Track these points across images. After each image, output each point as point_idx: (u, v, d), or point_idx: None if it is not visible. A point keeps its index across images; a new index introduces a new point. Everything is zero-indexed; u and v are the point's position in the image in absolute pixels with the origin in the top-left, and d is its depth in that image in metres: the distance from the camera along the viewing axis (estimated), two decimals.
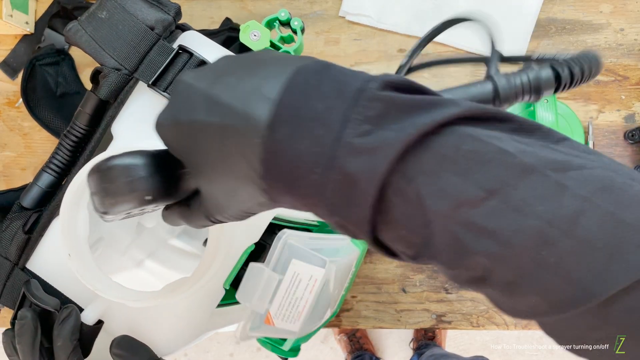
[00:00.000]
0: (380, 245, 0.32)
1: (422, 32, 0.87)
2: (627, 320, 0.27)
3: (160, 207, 0.38)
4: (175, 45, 0.50)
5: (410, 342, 1.81)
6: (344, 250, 0.64)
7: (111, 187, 0.33)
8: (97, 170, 0.34)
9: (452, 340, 1.82)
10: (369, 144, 0.28)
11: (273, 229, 0.59)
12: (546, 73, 0.40)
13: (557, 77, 0.40)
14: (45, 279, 0.53)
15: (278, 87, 0.30)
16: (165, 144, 0.35)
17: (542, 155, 0.28)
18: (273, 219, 0.57)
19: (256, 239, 0.56)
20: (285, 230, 0.51)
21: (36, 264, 0.54)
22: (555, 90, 0.41)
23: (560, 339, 0.31)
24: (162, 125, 0.35)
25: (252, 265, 0.50)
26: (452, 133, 0.28)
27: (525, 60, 0.45)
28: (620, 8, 0.87)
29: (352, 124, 0.28)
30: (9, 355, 0.51)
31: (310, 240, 0.54)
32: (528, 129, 0.30)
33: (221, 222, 0.37)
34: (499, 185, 0.27)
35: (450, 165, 0.28)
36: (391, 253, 0.32)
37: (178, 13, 0.52)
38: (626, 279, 0.26)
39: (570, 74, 0.41)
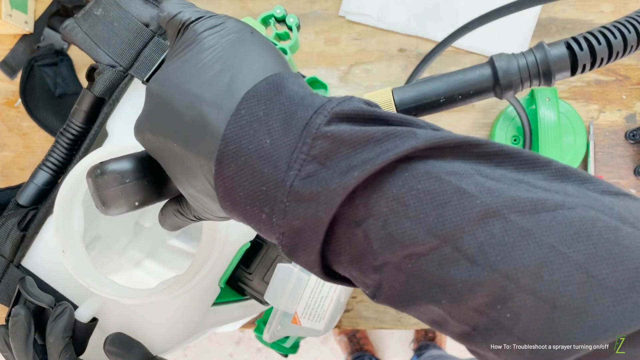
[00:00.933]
0: (338, 279, 0.31)
1: (422, 32, 0.87)
2: None
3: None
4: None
5: (411, 342, 1.80)
6: None
7: (103, 194, 0.34)
8: (90, 176, 0.35)
9: (453, 340, 1.81)
10: (312, 189, 0.26)
11: None
12: (557, 51, 0.33)
13: (573, 56, 0.33)
14: (40, 277, 0.53)
15: (225, 117, 0.29)
16: (145, 148, 0.35)
17: (509, 195, 0.25)
18: None
19: (251, 236, 0.56)
20: None
21: (31, 261, 0.53)
22: (573, 72, 0.34)
23: None
24: (137, 130, 0.34)
25: (280, 266, 0.50)
26: (407, 170, 0.26)
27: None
28: (621, 7, 0.86)
29: (297, 164, 0.27)
30: (1, 351, 0.50)
31: None
32: (502, 156, 0.27)
33: (211, 219, 0.37)
34: (453, 232, 0.25)
35: (401, 207, 0.26)
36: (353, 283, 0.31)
37: None
38: (590, 344, 0.23)
39: (590, 51, 0.33)
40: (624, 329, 0.23)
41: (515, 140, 0.82)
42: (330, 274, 0.30)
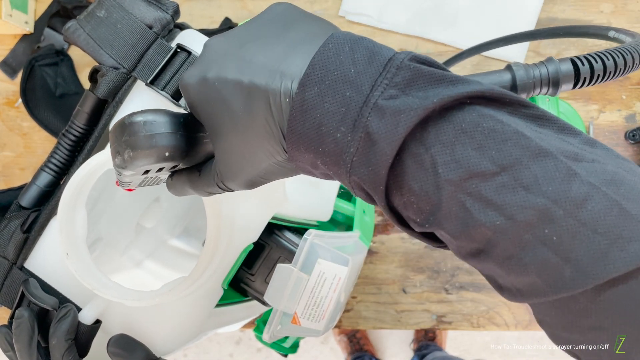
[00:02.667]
0: (391, 209, 0.33)
1: (422, 32, 0.87)
2: (620, 309, 0.27)
3: (175, 169, 0.39)
4: (173, 44, 0.50)
5: (411, 342, 1.80)
6: (352, 248, 0.64)
7: (132, 140, 0.34)
8: (121, 124, 0.34)
9: (453, 340, 1.82)
10: (394, 107, 0.30)
11: (272, 229, 0.59)
12: (566, 67, 0.40)
13: (577, 72, 0.40)
14: (43, 278, 0.53)
15: (312, 50, 0.32)
16: (188, 102, 0.37)
17: (557, 144, 0.29)
18: (272, 219, 0.56)
19: (254, 238, 0.56)
20: (311, 230, 0.51)
21: (34, 263, 0.53)
22: (575, 86, 0.41)
23: (551, 327, 0.32)
24: (188, 83, 0.36)
25: (279, 266, 0.50)
26: (473, 110, 0.30)
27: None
28: (620, 8, 0.86)
29: (381, 87, 0.30)
30: (4, 351, 0.50)
31: (332, 239, 0.54)
32: (545, 119, 0.31)
33: (231, 189, 0.38)
34: (512, 163, 0.29)
35: (468, 139, 0.29)
36: (401, 221, 0.33)
37: (176, 12, 0.52)
38: (625, 266, 0.26)
39: (590, 69, 0.40)
40: None
41: None
42: (388, 204, 0.33)
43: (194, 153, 0.37)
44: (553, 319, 0.31)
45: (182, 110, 0.48)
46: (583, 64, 0.40)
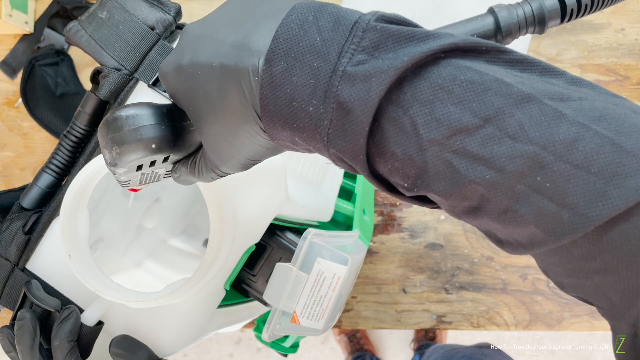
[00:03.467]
0: (377, 177, 0.32)
1: None
2: (625, 247, 0.26)
3: (170, 163, 0.38)
4: (175, 45, 0.50)
5: (411, 342, 1.80)
6: (352, 247, 0.64)
7: (117, 136, 0.34)
8: (105, 123, 0.34)
9: (453, 340, 1.82)
10: (363, 71, 0.29)
11: (273, 230, 0.59)
12: (550, 1, 0.38)
13: (563, 5, 0.38)
14: (45, 280, 0.53)
15: (275, 24, 0.31)
16: (168, 91, 0.36)
17: (540, 87, 0.28)
18: (273, 220, 0.56)
19: (257, 239, 0.56)
20: (310, 229, 0.51)
21: (36, 264, 0.53)
22: (562, 20, 0.39)
23: (556, 275, 0.31)
24: (165, 72, 0.36)
25: (279, 265, 0.50)
26: (449, 64, 0.29)
27: None
28: (620, 8, 0.86)
29: (348, 53, 0.29)
30: (7, 352, 0.50)
31: (331, 238, 0.54)
32: (526, 62, 0.30)
33: (227, 174, 0.38)
34: (495, 113, 0.28)
35: (447, 94, 0.28)
36: (389, 188, 0.33)
37: (178, 13, 0.52)
38: (623, 203, 0.26)
39: (577, 0, 0.38)
40: None
41: None
42: (371, 172, 0.32)
43: (182, 142, 0.37)
44: (557, 267, 0.30)
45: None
46: (568, 7, 0.38)
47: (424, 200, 0.33)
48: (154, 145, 0.34)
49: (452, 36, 0.29)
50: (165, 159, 0.37)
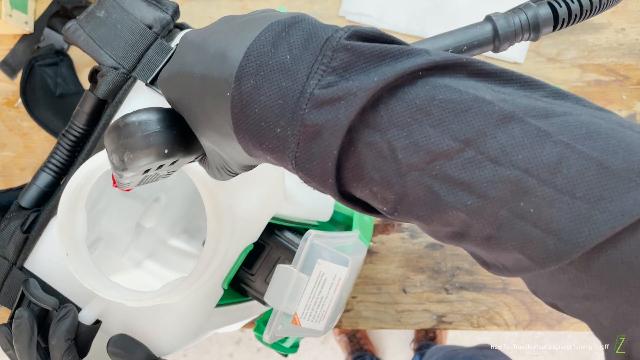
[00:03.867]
0: (351, 200, 0.31)
1: (423, 32, 0.87)
2: (613, 273, 0.25)
3: (176, 167, 0.39)
4: (173, 44, 0.50)
5: (411, 342, 1.80)
6: (352, 248, 0.64)
7: (129, 142, 0.33)
8: (115, 128, 0.34)
9: (453, 340, 1.82)
10: (332, 94, 0.28)
11: (272, 229, 0.59)
12: (545, 10, 0.40)
13: (555, 14, 0.40)
14: (43, 279, 0.53)
15: (250, 39, 0.30)
16: (166, 98, 0.36)
17: (522, 103, 0.27)
18: (272, 219, 0.56)
19: (255, 238, 0.56)
20: (311, 231, 0.51)
21: (34, 263, 0.53)
22: (554, 28, 0.40)
23: (545, 295, 0.30)
24: (161, 79, 0.35)
25: (280, 267, 0.50)
26: (426, 83, 0.28)
27: None
28: (621, 8, 0.86)
29: (317, 75, 0.28)
30: (5, 350, 0.50)
31: (331, 239, 0.54)
32: (506, 77, 0.29)
33: (236, 173, 0.38)
34: (476, 135, 0.27)
35: (424, 116, 0.27)
36: (366, 208, 0.32)
37: (176, 12, 0.52)
38: (610, 229, 0.25)
39: (568, 9, 0.40)
40: (638, 212, 0.24)
41: None
42: (344, 195, 0.31)
43: (192, 146, 0.37)
44: (546, 290, 0.29)
45: None
46: (560, 6, 0.40)
47: (402, 219, 0.32)
48: (166, 151, 0.34)
49: (428, 53, 0.28)
50: (174, 162, 0.37)
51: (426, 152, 0.27)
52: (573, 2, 0.40)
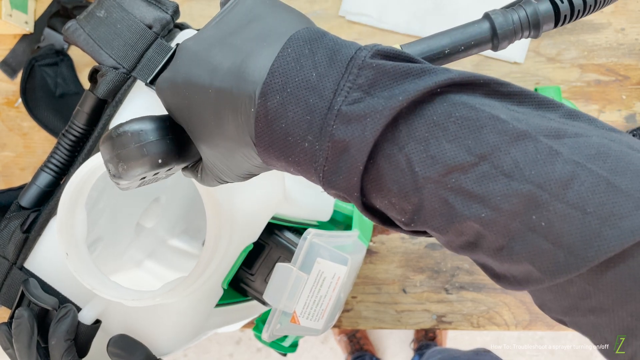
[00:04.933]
0: (372, 211, 0.32)
1: (423, 32, 0.87)
2: (620, 287, 0.26)
3: (174, 171, 0.39)
4: (173, 44, 0.50)
5: (411, 342, 1.80)
6: (351, 247, 0.64)
7: (123, 153, 0.34)
8: (109, 138, 0.34)
9: (453, 340, 1.82)
10: (359, 111, 0.29)
11: (272, 229, 0.59)
12: (545, 6, 0.38)
13: (557, 10, 0.38)
14: (43, 279, 0.53)
15: (272, 55, 0.31)
16: (165, 106, 0.36)
17: (536, 123, 0.28)
18: (272, 219, 0.56)
19: (254, 238, 0.56)
20: (310, 230, 0.51)
21: (34, 263, 0.53)
22: (555, 25, 0.39)
23: (552, 311, 0.31)
24: (161, 88, 0.36)
25: (279, 265, 0.50)
26: (444, 100, 0.29)
27: None
28: (621, 8, 0.86)
29: (344, 92, 0.29)
30: (4, 349, 0.50)
31: (331, 238, 0.54)
32: (523, 96, 0.30)
33: (227, 182, 0.38)
34: (490, 151, 0.28)
35: (442, 131, 0.28)
36: (384, 220, 0.33)
37: (176, 12, 0.52)
38: (618, 245, 0.25)
39: (570, 5, 0.38)
40: None
41: None
42: (365, 206, 0.32)
43: (187, 154, 0.37)
44: (553, 303, 0.30)
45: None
46: (562, 2, 0.38)
47: (423, 233, 0.33)
48: (160, 161, 0.34)
49: (449, 71, 0.29)
50: (169, 169, 0.37)
51: (442, 166, 0.28)
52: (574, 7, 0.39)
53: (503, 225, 0.28)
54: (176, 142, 0.36)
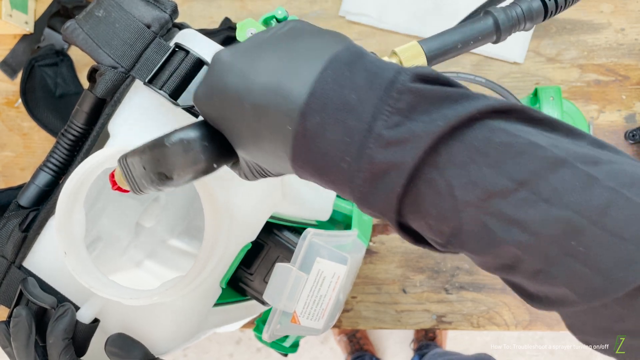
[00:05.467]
0: (407, 231, 0.33)
1: (423, 32, 0.87)
2: None
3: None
4: (172, 44, 0.50)
5: (411, 342, 1.80)
6: (351, 247, 0.64)
7: (175, 162, 0.35)
8: (158, 146, 0.35)
9: (453, 340, 1.82)
10: (399, 135, 0.29)
11: (271, 228, 0.59)
12: (536, 4, 0.45)
13: (545, 6, 0.45)
14: (41, 277, 0.53)
15: (312, 76, 0.31)
16: (203, 116, 0.37)
17: (572, 149, 0.29)
18: (270, 218, 0.56)
19: (253, 237, 0.56)
20: (309, 229, 0.51)
21: (33, 262, 0.53)
22: (544, 19, 0.46)
23: (583, 333, 0.32)
24: (199, 99, 0.37)
25: (278, 265, 0.50)
26: (483, 126, 0.30)
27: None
28: (620, 8, 0.86)
29: (383, 115, 0.30)
30: (3, 347, 0.50)
31: (330, 238, 0.54)
32: (554, 124, 0.31)
33: (268, 177, 0.39)
34: (530, 177, 0.28)
35: (482, 157, 0.29)
36: (418, 239, 0.33)
37: (174, 11, 0.52)
38: None
39: (555, 3, 0.45)
40: None
41: None
42: (400, 226, 0.33)
43: (228, 154, 0.38)
44: (585, 326, 0.31)
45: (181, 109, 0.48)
46: (549, 9, 0.45)
47: (455, 252, 0.33)
48: (204, 168, 0.35)
49: (486, 98, 0.30)
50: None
51: (482, 190, 0.29)
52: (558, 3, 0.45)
53: (542, 250, 0.28)
54: (220, 147, 0.36)
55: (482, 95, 0.30)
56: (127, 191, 0.43)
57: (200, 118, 0.39)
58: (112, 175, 0.44)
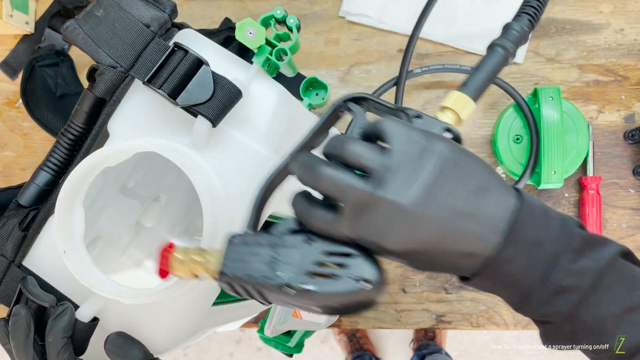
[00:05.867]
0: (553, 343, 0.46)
1: (423, 32, 0.87)
2: None
3: None
4: (171, 43, 0.50)
5: (411, 342, 1.80)
6: None
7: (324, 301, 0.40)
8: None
9: (452, 340, 1.82)
10: (577, 268, 0.40)
11: (269, 227, 0.59)
12: (525, 21, 0.52)
13: (532, 20, 0.52)
14: (41, 276, 0.53)
15: (506, 217, 0.40)
16: (393, 255, 0.41)
17: None
18: (269, 217, 0.57)
19: None
20: None
21: (32, 261, 0.54)
22: (531, 30, 0.53)
23: None
24: (394, 248, 0.39)
25: None
26: (618, 262, 0.42)
27: None
28: (620, 8, 0.86)
29: (565, 251, 0.40)
30: (3, 344, 0.51)
31: None
32: None
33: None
34: (633, 307, 0.41)
35: (621, 282, 0.42)
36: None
37: (174, 11, 0.52)
38: None
39: (536, 16, 0.52)
40: None
41: (517, 139, 0.82)
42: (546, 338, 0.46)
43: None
44: None
45: (178, 108, 0.48)
46: (534, 16, 0.52)
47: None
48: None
49: (618, 244, 0.43)
50: None
51: (622, 305, 0.42)
52: (539, 12, 0.52)
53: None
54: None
55: (612, 241, 0.43)
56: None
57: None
58: (164, 257, 0.44)
